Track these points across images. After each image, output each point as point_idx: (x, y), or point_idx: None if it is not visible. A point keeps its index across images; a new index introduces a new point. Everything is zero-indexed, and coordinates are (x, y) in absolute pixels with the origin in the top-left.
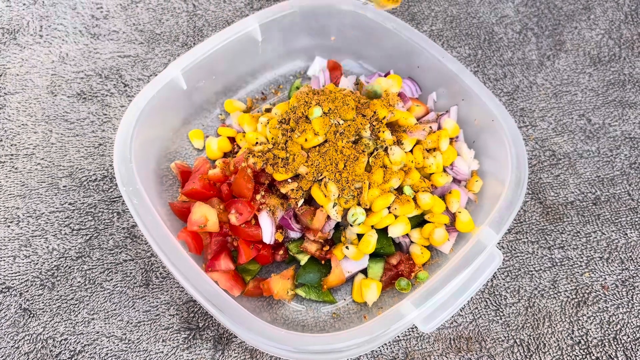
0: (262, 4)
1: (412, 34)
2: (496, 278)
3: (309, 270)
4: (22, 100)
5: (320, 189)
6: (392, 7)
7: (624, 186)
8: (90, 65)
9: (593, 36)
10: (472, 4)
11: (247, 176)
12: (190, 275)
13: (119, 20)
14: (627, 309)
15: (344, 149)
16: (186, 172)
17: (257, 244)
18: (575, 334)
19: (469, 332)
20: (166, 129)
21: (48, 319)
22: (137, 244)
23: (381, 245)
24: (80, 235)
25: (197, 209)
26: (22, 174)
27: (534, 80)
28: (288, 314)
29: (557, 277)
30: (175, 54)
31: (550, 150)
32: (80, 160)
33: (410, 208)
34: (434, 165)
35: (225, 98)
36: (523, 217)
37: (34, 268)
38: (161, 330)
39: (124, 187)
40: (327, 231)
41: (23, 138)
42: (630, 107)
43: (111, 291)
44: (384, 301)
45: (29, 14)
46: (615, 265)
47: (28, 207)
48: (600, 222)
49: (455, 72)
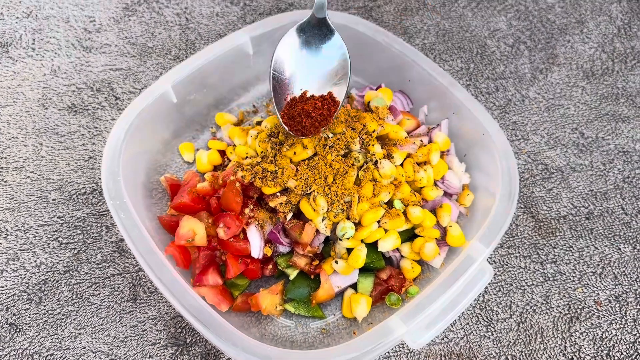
0: (255, 17)
1: (403, 47)
2: (487, 293)
3: (298, 285)
4: (12, 113)
5: (309, 203)
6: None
7: (617, 200)
8: (82, 78)
9: (586, 50)
10: (464, 17)
11: (235, 190)
12: (176, 290)
13: (112, 34)
14: (621, 325)
15: (333, 162)
16: (176, 185)
17: (245, 259)
18: (567, 350)
19: (460, 348)
20: (156, 142)
21: (34, 334)
22: (125, 258)
23: (371, 260)
24: (68, 249)
25: (185, 223)
26: (11, 187)
27: (527, 94)
28: (277, 329)
29: (550, 293)
30: (167, 67)
31: (543, 164)
32: (70, 173)
33: (401, 222)
34: (425, 178)
35: (216, 111)
36: (515, 231)
37: (21, 282)
38: (148, 345)
39: (112, 201)
40: (316, 245)
41: (13, 151)
42: (624, 120)
43: (98, 306)
44: (374, 316)
45: (22, 27)
46: (609, 280)
47: (16, 221)
48: (594, 236)
49: (446, 86)
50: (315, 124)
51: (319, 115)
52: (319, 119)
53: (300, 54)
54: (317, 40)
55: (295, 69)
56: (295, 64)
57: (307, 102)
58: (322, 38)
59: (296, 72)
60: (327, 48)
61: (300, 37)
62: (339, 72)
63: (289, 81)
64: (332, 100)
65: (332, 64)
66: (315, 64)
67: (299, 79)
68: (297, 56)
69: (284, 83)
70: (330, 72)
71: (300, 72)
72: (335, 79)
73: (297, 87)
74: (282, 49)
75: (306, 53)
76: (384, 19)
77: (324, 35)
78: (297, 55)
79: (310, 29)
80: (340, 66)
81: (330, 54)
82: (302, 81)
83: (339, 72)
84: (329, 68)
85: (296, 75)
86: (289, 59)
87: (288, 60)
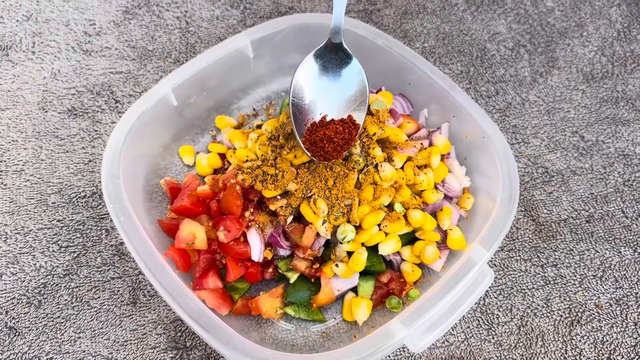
0: (255, 20)
1: (403, 50)
2: (488, 296)
3: (298, 288)
4: (12, 117)
5: (309, 206)
6: None
7: (617, 204)
8: (82, 82)
9: (586, 53)
10: (464, 21)
11: (235, 193)
12: (176, 294)
13: (112, 37)
14: (622, 329)
15: (334, 165)
16: (176, 188)
17: (245, 262)
18: (568, 353)
19: (461, 352)
20: (156, 145)
21: (34, 338)
22: (125, 261)
23: (371, 263)
24: (68, 253)
25: (185, 226)
26: (11, 190)
27: (527, 97)
28: (277, 333)
29: (550, 296)
30: (167, 70)
31: (543, 167)
32: (69, 176)
33: (401, 225)
34: (425, 182)
35: (216, 114)
36: (516, 234)
37: (20, 286)
38: (148, 349)
39: (112, 204)
40: (316, 249)
41: (13, 154)
42: (624, 124)
43: (98, 309)
44: (375, 320)
45: (22, 30)
46: (609, 283)
47: (16, 224)
48: (594, 240)
49: (446, 89)
50: (337, 149)
51: (341, 140)
52: (340, 143)
53: (319, 80)
54: (335, 66)
55: (315, 94)
56: (314, 89)
57: (328, 126)
58: (340, 63)
59: (316, 98)
60: (345, 73)
61: (318, 62)
62: (358, 98)
63: (309, 107)
64: (352, 124)
65: (351, 89)
66: (335, 90)
67: (319, 104)
68: (316, 82)
69: (304, 109)
70: (350, 98)
71: (320, 98)
72: (355, 105)
73: (317, 112)
74: (301, 74)
75: (325, 79)
76: (384, 23)
77: (342, 61)
78: (316, 81)
79: (327, 54)
80: (359, 92)
81: (349, 79)
82: (322, 107)
83: (357, 97)
84: (348, 94)
85: (316, 101)
86: (308, 85)
87: (307, 86)
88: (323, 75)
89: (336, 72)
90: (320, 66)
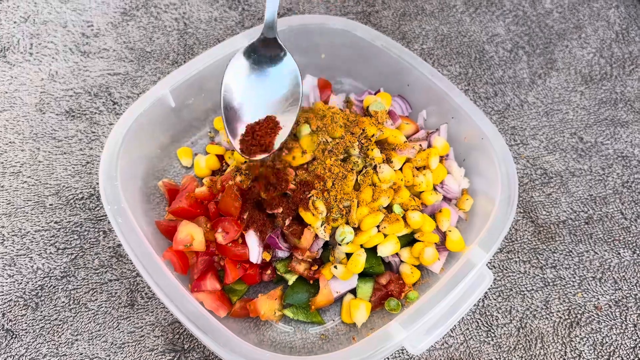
0: (253, 22)
1: (402, 52)
2: (487, 298)
3: (297, 290)
4: (10, 118)
5: (308, 208)
6: None
7: (616, 205)
8: (80, 83)
9: (584, 55)
10: (462, 22)
11: (234, 194)
12: (174, 296)
13: (110, 38)
14: (621, 330)
15: (332, 167)
16: (174, 190)
17: (244, 264)
18: (568, 355)
19: (460, 354)
20: (154, 147)
21: (31, 340)
22: (122, 263)
23: (370, 265)
24: (65, 255)
25: (183, 228)
26: (8, 192)
27: (525, 99)
28: (275, 335)
29: (550, 298)
30: (165, 72)
31: (542, 168)
32: (67, 178)
33: (400, 227)
34: (424, 183)
35: (214, 116)
36: (514, 236)
37: (17, 288)
38: (146, 351)
39: (109, 206)
40: (315, 250)
41: (10, 156)
42: (622, 125)
43: (95, 312)
44: (374, 322)
45: (20, 31)
46: (609, 285)
47: (13, 226)
48: (593, 241)
49: (445, 91)
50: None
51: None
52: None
53: (248, 79)
54: (266, 63)
55: (244, 94)
56: (243, 89)
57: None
58: (273, 60)
59: (245, 98)
60: (277, 71)
61: (249, 60)
62: (289, 98)
63: (239, 107)
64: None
65: (283, 88)
66: (265, 90)
67: (248, 105)
68: (246, 81)
69: (234, 109)
70: (281, 98)
71: (249, 98)
72: (286, 105)
73: (247, 113)
74: (230, 74)
75: (254, 77)
76: (382, 24)
77: (275, 57)
78: (245, 80)
79: (260, 49)
80: (291, 92)
81: (281, 77)
82: (250, 108)
83: (289, 97)
84: (279, 93)
85: (245, 102)
86: (237, 85)
87: (236, 86)
88: (252, 74)
89: (267, 70)
90: (251, 64)
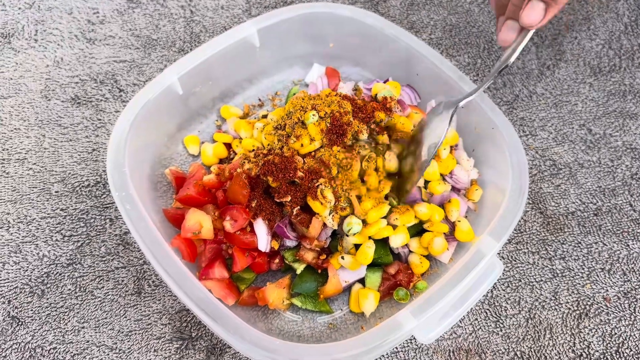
0: (260, 10)
1: (411, 40)
2: (496, 289)
3: (305, 279)
4: (15, 105)
5: (316, 196)
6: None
7: (625, 197)
8: (85, 70)
9: (593, 46)
10: (471, 13)
11: (242, 182)
12: (183, 283)
13: (115, 25)
14: (630, 322)
15: (337, 153)
16: (181, 178)
17: (252, 252)
18: (577, 346)
19: (469, 344)
20: (161, 135)
21: (37, 327)
22: (129, 251)
23: (379, 255)
24: (71, 242)
25: (192, 216)
26: (13, 179)
27: (534, 90)
28: (283, 324)
29: (558, 289)
30: (171, 60)
31: (551, 160)
32: (73, 165)
33: (410, 217)
34: (432, 173)
35: (221, 104)
36: (523, 227)
37: (23, 275)
38: (153, 339)
39: (117, 192)
40: (323, 239)
41: (15, 142)
42: (631, 117)
43: (102, 299)
44: (382, 311)
45: (24, 18)
46: (617, 276)
47: (19, 213)
48: (602, 233)
49: (454, 80)
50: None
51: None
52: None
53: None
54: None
55: None
56: None
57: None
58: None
59: None
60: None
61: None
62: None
63: None
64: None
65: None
66: None
67: None
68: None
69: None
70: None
71: None
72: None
73: None
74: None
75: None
76: (390, 14)
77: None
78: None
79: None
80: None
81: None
82: None
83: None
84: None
85: None
86: None
87: None
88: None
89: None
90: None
